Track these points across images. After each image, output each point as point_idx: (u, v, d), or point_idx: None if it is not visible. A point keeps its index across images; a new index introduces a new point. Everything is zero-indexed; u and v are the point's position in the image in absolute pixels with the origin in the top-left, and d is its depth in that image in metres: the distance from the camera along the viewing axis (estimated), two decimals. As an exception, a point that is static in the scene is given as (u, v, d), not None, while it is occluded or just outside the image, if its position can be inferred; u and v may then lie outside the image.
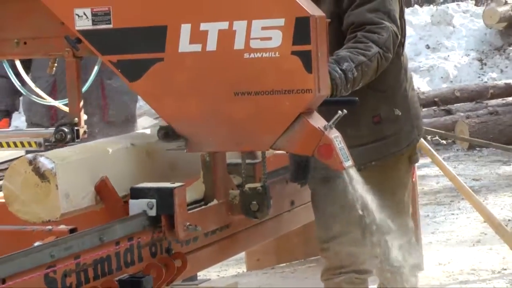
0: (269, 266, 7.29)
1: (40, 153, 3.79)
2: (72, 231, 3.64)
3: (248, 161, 4.26)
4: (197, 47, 3.78)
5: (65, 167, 3.77)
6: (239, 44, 3.74)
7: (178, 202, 3.84)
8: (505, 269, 6.96)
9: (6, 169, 4.05)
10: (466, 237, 8.43)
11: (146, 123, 9.72)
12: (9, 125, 6.67)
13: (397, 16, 4.69)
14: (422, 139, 7.37)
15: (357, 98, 4.34)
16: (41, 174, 3.71)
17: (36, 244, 3.48)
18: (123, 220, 3.82)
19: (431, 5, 20.99)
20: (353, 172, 3.96)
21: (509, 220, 8.57)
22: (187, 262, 4.01)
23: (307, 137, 3.78)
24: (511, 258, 7.06)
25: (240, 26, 3.72)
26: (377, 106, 4.74)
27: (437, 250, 7.81)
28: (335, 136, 3.82)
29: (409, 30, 17.75)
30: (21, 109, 6.97)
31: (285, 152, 4.25)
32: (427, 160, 8.59)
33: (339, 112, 3.87)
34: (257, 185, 4.19)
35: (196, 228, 3.91)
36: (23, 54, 4.30)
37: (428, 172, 11.52)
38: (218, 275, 7.33)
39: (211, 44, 3.76)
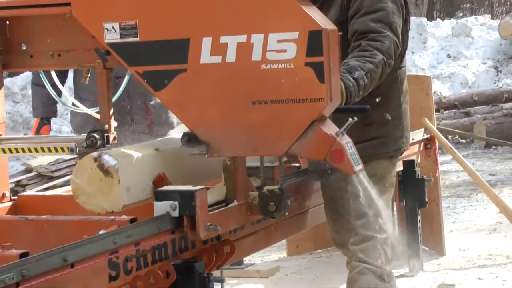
0: (307, 252, 7.21)
1: (105, 151, 3.82)
2: (132, 220, 3.65)
3: (267, 164, 4.04)
4: (217, 59, 3.63)
5: (126, 164, 3.78)
6: (256, 56, 3.58)
7: (199, 204, 3.69)
8: None
9: (73, 165, 4.27)
10: (483, 226, 8.28)
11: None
12: (50, 130, 6.66)
13: (399, 29, 4.53)
14: (443, 137, 7.44)
15: (368, 106, 4.19)
16: (105, 170, 3.72)
17: (101, 232, 3.51)
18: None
19: (452, 19, 20.96)
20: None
21: None
22: (235, 248, 4.01)
23: (320, 143, 3.62)
24: None
25: (257, 39, 3.57)
26: (370, 111, 4.44)
27: (457, 238, 7.69)
28: (346, 142, 3.66)
29: (432, 41, 17.68)
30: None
31: (299, 157, 4.02)
32: (449, 157, 8.59)
33: (350, 119, 3.72)
34: (275, 187, 3.97)
35: (216, 228, 3.74)
36: (57, 65, 4.16)
37: (449, 168, 11.40)
38: (262, 260, 7.24)
39: (231, 56, 3.61)
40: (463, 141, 13.52)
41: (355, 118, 3.73)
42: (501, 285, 6.08)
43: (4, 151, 4.04)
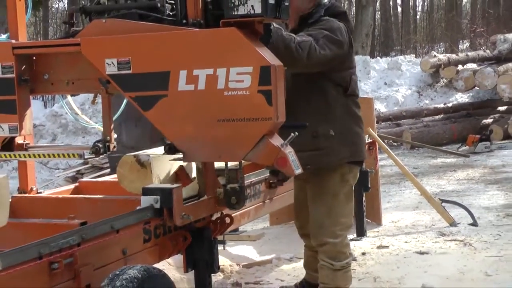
0: (284, 222, 6.99)
1: (142, 150, 3.97)
2: None
3: (231, 167, 3.76)
4: (191, 87, 3.36)
5: (157, 159, 3.79)
6: (220, 85, 3.32)
7: (176, 198, 3.49)
8: (434, 225, 6.79)
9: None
10: (409, 204, 8.13)
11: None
12: None
13: (328, 51, 3.96)
14: (381, 141, 7.40)
15: (307, 123, 3.85)
16: (141, 163, 3.77)
17: (138, 208, 3.45)
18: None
19: (388, 57, 20.84)
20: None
21: (436, 193, 8.26)
22: (233, 220, 4.02)
23: (269, 152, 3.32)
24: (437, 218, 6.88)
25: (221, 72, 3.32)
26: (317, 124, 4.11)
27: (390, 213, 7.53)
28: (289, 151, 3.37)
29: (373, 73, 17.51)
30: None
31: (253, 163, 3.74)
32: (385, 155, 8.41)
33: (292, 134, 3.43)
34: (236, 185, 3.72)
35: (189, 217, 3.52)
36: (71, 91, 3.91)
37: (386, 163, 11.19)
38: (252, 228, 7.15)
39: (201, 85, 3.35)
40: (395, 144, 13.36)
41: (296, 133, 3.44)
42: (421, 246, 5.95)
43: (30, 156, 3.85)
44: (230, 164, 3.71)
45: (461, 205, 7.04)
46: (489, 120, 14.11)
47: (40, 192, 4.12)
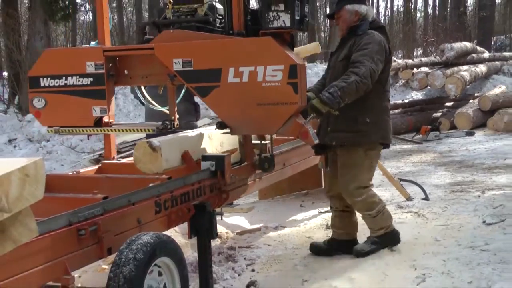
0: (271, 197, 6.87)
1: (153, 137, 3.84)
2: (169, 178, 3.63)
3: (264, 142, 4.10)
4: (237, 80, 3.68)
5: (166, 145, 3.77)
6: (260, 78, 3.64)
7: (226, 163, 3.76)
8: (393, 199, 6.56)
9: (134, 145, 3.94)
10: (374, 182, 7.81)
11: (205, 122, 9.60)
12: None
13: (380, 64, 4.17)
14: None
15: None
16: (153, 148, 3.71)
17: (150, 185, 3.48)
18: (196, 172, 3.78)
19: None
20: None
21: (395, 174, 7.95)
22: (229, 195, 3.97)
23: (295, 127, 3.67)
24: (396, 194, 6.64)
25: (260, 69, 3.64)
26: (358, 113, 4.27)
27: None
28: (310, 127, 3.72)
29: None
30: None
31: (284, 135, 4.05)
32: None
33: (312, 114, 3.83)
34: (268, 154, 4.07)
35: (236, 177, 3.82)
36: (145, 83, 4.16)
37: None
38: (244, 202, 6.91)
39: (245, 78, 3.67)
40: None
41: (314, 114, 3.81)
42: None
43: (114, 131, 4.09)
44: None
45: (415, 183, 6.86)
46: (439, 114, 13.98)
47: (99, 165, 4.28)
